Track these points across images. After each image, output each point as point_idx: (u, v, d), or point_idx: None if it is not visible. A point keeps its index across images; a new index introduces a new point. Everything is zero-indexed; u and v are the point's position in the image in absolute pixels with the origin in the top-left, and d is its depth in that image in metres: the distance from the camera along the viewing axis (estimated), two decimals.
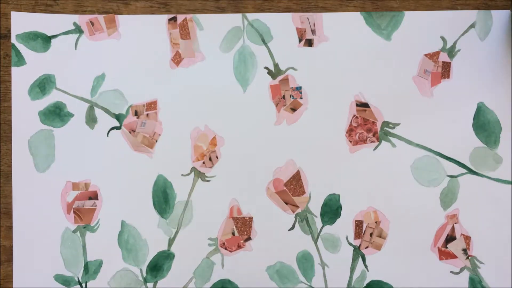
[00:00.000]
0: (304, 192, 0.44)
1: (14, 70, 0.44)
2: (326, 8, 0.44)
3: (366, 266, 0.44)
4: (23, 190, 0.44)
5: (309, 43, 0.44)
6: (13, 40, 0.44)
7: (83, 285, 0.44)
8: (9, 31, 0.44)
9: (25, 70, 0.44)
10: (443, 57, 0.44)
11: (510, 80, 0.44)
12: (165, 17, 0.44)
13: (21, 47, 0.44)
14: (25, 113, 0.44)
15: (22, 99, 0.44)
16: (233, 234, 0.44)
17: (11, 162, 0.44)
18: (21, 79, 0.44)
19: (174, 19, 0.44)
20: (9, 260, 0.43)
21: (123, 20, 0.45)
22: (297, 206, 0.44)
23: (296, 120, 0.45)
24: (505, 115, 0.44)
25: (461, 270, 0.43)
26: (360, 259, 0.44)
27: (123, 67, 0.45)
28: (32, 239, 0.44)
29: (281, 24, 0.44)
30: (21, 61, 0.44)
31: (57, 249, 0.44)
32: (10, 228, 0.43)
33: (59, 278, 0.44)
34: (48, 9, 0.44)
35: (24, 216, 0.44)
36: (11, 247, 0.43)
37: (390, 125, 0.44)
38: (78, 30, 0.45)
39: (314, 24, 0.44)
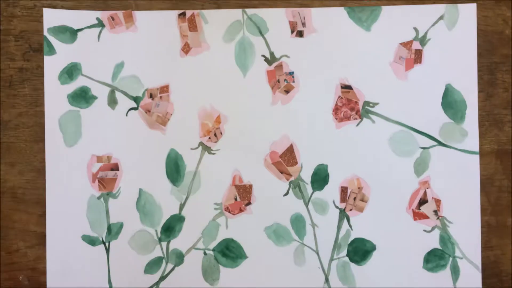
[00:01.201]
0: (296, 163, 0.46)
1: (46, 58, 0.46)
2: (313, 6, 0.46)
3: (350, 226, 0.46)
4: (54, 162, 0.46)
5: (300, 34, 0.46)
6: (45, 33, 0.46)
7: (106, 244, 0.46)
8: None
9: (55, 58, 0.46)
10: (416, 45, 0.46)
11: (474, 65, 0.46)
12: (176, 12, 0.46)
13: (51, 39, 0.46)
14: (55, 96, 0.46)
15: (53, 84, 0.46)
16: (236, 199, 0.46)
17: (44, 138, 0.46)
18: (52, 66, 0.46)
19: (183, 14, 0.46)
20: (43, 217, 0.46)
21: (139, 15, 0.46)
22: (291, 175, 0.46)
23: (289, 100, 0.46)
24: (470, 94, 0.46)
25: (433, 228, 0.46)
26: (345, 220, 0.46)
27: (139, 56, 0.46)
28: (62, 205, 0.46)
29: (276, 18, 0.46)
30: (51, 51, 0.46)
31: (83, 213, 0.46)
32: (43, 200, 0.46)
33: (85, 238, 0.46)
34: (74, 7, 0.46)
35: (55, 186, 0.46)
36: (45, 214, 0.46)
37: (371, 104, 0.46)
38: (100, 24, 0.46)
39: (304, 18, 0.46)
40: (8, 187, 0.46)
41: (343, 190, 0.46)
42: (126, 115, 0.47)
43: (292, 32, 0.47)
